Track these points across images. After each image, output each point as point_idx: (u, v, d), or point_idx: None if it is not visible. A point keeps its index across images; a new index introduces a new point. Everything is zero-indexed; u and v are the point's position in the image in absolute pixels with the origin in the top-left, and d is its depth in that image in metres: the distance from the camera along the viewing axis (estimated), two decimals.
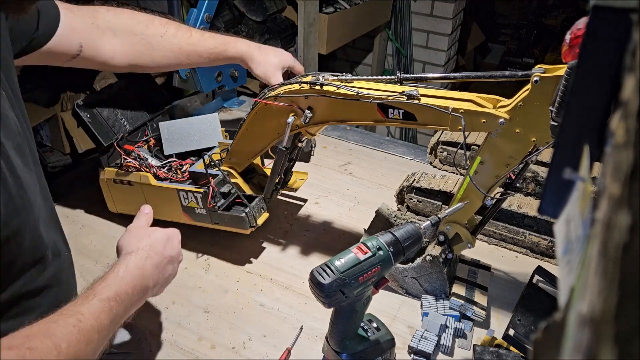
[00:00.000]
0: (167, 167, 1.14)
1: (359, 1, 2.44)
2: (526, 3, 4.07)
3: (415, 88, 0.87)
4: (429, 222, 0.83)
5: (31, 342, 0.54)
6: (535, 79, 0.75)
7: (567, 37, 0.65)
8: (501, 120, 0.80)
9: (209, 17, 1.54)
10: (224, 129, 1.27)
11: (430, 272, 0.95)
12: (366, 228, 1.09)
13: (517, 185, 0.91)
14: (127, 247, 0.79)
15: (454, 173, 1.35)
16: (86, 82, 2.42)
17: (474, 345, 0.87)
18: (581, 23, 0.63)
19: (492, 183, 0.87)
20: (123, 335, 0.92)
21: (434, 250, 0.95)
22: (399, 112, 0.88)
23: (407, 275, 0.98)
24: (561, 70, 0.73)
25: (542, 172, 1.15)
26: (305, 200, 1.29)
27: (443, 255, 0.95)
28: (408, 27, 2.73)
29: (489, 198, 0.88)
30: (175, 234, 0.86)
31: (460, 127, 0.83)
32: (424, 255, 0.94)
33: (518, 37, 4.02)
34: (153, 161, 1.14)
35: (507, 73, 0.81)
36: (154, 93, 1.26)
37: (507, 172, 0.85)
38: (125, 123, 1.17)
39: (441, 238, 0.96)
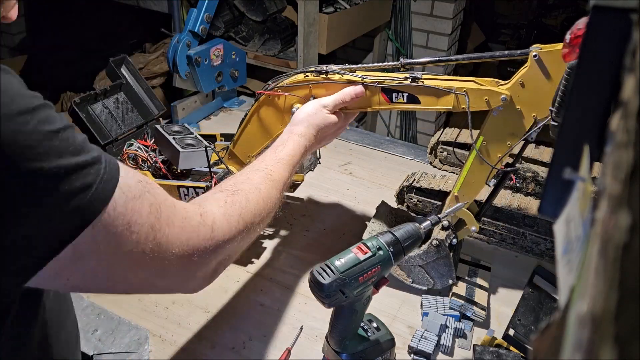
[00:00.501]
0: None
1: (359, 1, 2.44)
2: (526, 3, 4.07)
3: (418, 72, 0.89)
4: (428, 221, 0.83)
5: (237, 186, 0.70)
6: (534, 53, 0.78)
7: (567, 37, 0.65)
8: (503, 96, 0.83)
9: (209, 17, 1.54)
10: (219, 132, 1.27)
11: (436, 257, 0.96)
12: (371, 218, 1.09)
13: (517, 165, 0.93)
14: (295, 124, 0.91)
15: (454, 173, 1.35)
16: (86, 82, 2.43)
17: (474, 345, 0.87)
18: (581, 23, 0.63)
19: (495, 161, 0.88)
20: (123, 335, 0.92)
21: (439, 235, 0.96)
22: (403, 96, 0.90)
23: (414, 264, 0.98)
24: (557, 46, 0.76)
25: (542, 172, 1.15)
26: (304, 200, 1.29)
27: (448, 241, 0.96)
28: (408, 27, 2.73)
29: (493, 176, 0.90)
30: (310, 103, 0.94)
31: (463, 107, 0.85)
32: (430, 241, 0.95)
33: (518, 37, 4.01)
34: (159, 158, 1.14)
35: (506, 52, 0.84)
36: (148, 98, 1.27)
37: (509, 149, 0.87)
38: (120, 125, 1.18)
39: (445, 223, 0.97)
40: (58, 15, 2.74)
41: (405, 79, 0.88)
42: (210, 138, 1.26)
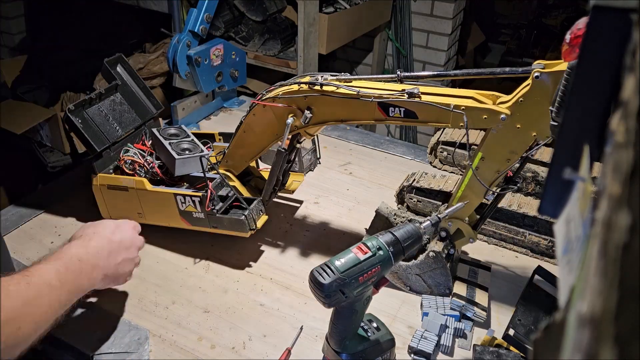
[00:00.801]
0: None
1: (359, 1, 2.44)
2: (526, 3, 4.07)
3: (415, 86, 0.87)
4: (428, 221, 0.83)
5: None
6: (535, 74, 0.76)
7: (567, 37, 0.65)
8: (503, 115, 0.81)
9: (209, 17, 1.54)
10: (217, 132, 1.27)
11: (433, 268, 0.96)
12: (367, 228, 1.09)
13: (517, 180, 0.92)
14: (75, 235, 0.87)
15: (454, 173, 1.35)
16: (86, 82, 2.43)
17: (474, 345, 0.87)
18: (581, 23, 0.63)
19: (493, 178, 0.87)
20: (123, 335, 0.92)
21: (436, 246, 0.96)
22: (400, 111, 0.88)
23: (411, 273, 0.98)
24: (560, 65, 0.74)
25: (542, 172, 1.15)
26: (303, 202, 1.29)
27: (445, 251, 0.96)
28: (408, 27, 2.73)
29: (491, 192, 0.89)
30: (125, 222, 0.93)
31: (462, 124, 0.83)
32: (427, 252, 0.95)
33: (518, 37, 4.01)
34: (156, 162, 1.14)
35: (507, 69, 0.81)
36: (146, 97, 1.25)
37: (508, 167, 0.86)
38: (117, 127, 1.16)
39: (443, 234, 0.96)
40: (58, 15, 2.73)
41: (403, 93, 0.86)
42: (209, 137, 1.25)
